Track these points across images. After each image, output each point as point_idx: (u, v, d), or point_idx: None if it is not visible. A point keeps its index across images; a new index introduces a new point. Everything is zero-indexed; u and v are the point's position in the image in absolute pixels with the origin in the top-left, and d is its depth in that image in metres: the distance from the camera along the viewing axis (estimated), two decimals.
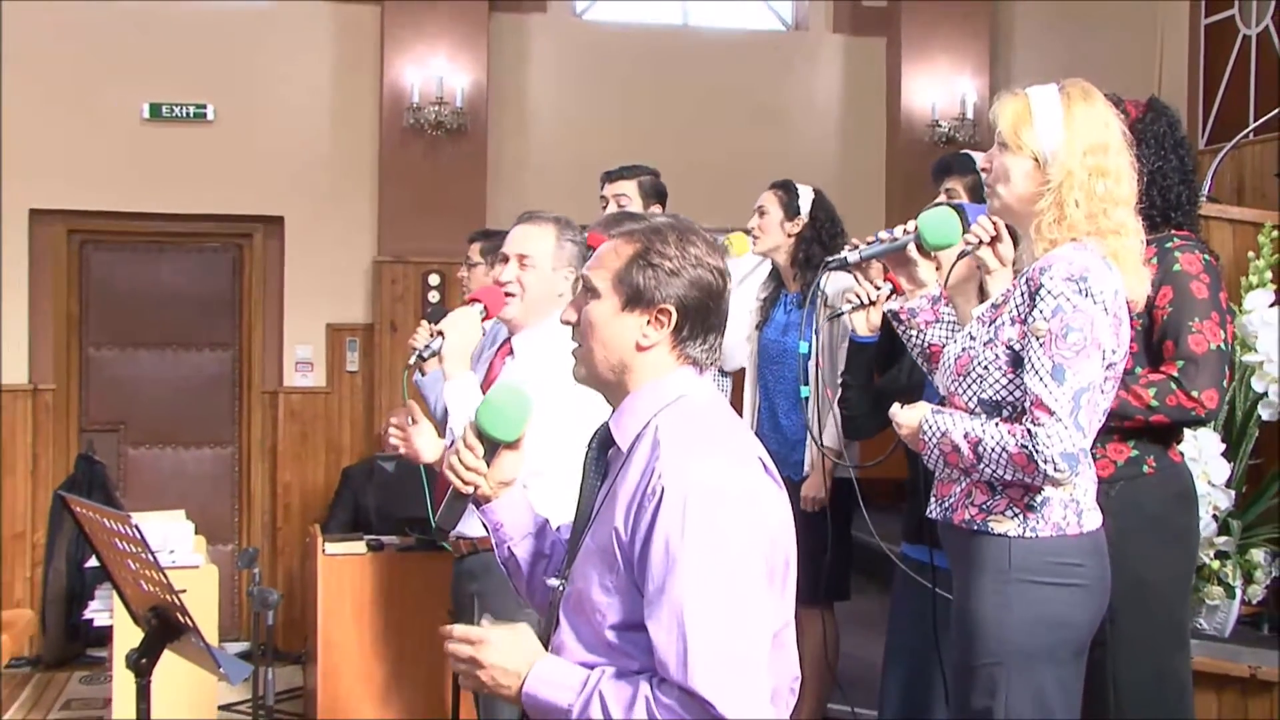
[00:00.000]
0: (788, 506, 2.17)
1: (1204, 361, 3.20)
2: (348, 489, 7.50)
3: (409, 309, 7.83)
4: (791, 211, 4.76)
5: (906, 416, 2.87)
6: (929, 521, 2.98)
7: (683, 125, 8.16)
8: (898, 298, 3.20)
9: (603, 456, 2.26)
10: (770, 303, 4.90)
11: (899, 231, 3.15)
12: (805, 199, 4.78)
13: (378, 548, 5.85)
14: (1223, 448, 3.99)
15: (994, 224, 3.07)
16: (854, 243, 3.32)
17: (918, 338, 3.14)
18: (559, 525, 2.43)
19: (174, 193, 7.79)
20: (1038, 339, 2.66)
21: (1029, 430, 2.64)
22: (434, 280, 7.86)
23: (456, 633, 2.16)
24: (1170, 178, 3.34)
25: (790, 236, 4.77)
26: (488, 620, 2.19)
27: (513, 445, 2.35)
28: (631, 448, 2.15)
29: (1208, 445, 3.90)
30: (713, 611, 1.98)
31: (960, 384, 2.83)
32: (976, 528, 2.79)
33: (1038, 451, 2.62)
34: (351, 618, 5.76)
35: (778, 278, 4.90)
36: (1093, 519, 2.80)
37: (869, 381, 3.84)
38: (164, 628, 3.03)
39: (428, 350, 3.67)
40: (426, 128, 7.76)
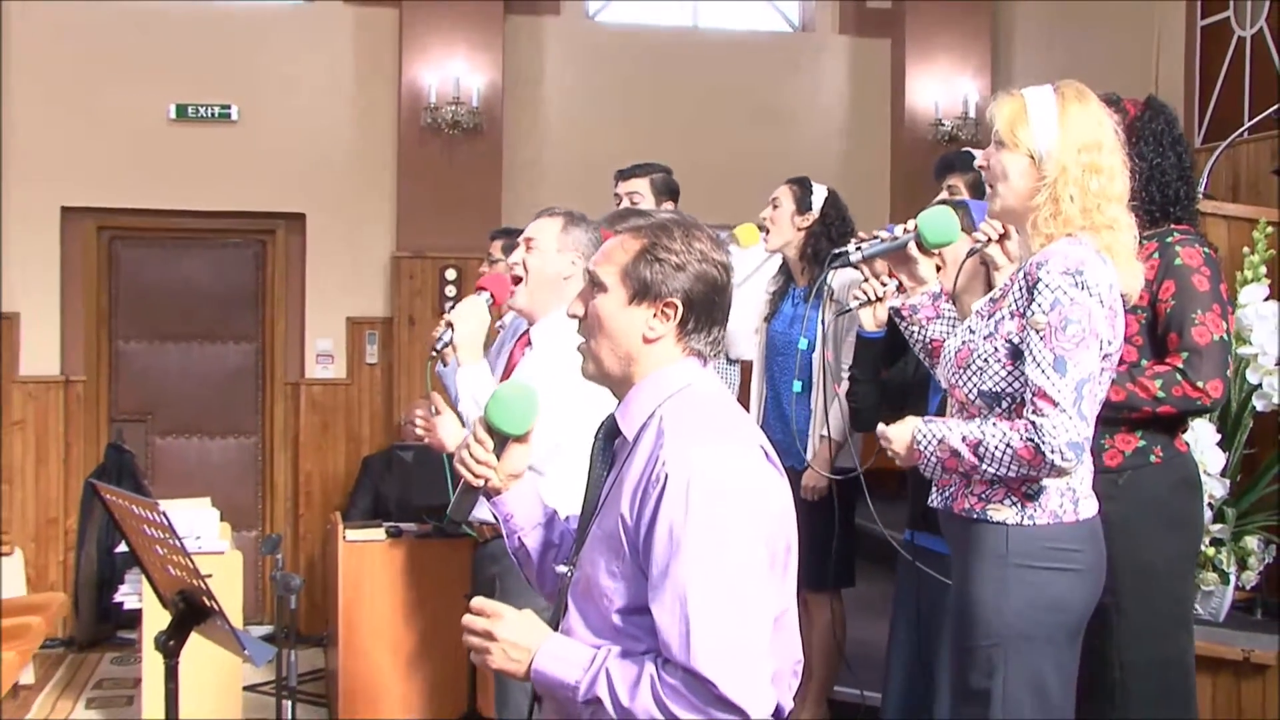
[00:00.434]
0: (789, 494, 2.17)
1: (1208, 352, 3.21)
2: (367, 478, 7.52)
3: (427, 303, 7.84)
4: (804, 206, 4.76)
5: (896, 432, 2.87)
6: (928, 509, 2.98)
7: (692, 124, 8.15)
8: (900, 295, 3.20)
9: (609, 446, 2.26)
10: (779, 296, 4.90)
11: (899, 230, 3.16)
12: (818, 196, 4.78)
13: (397, 535, 5.86)
14: (1218, 438, 3.99)
15: (1001, 223, 3.07)
16: (860, 235, 3.33)
17: (920, 333, 3.14)
18: (567, 516, 2.44)
19: (199, 191, 7.80)
20: (1037, 332, 2.67)
21: (1032, 422, 2.64)
22: (451, 275, 7.86)
23: (474, 604, 2.17)
24: (1169, 174, 3.34)
25: (800, 231, 4.76)
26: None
27: (521, 439, 2.35)
28: (637, 437, 2.15)
29: (1203, 435, 3.90)
30: (715, 594, 1.99)
31: (961, 376, 2.83)
32: (976, 516, 2.80)
33: (1044, 442, 2.62)
34: (371, 602, 5.78)
35: (787, 272, 4.90)
36: (1089, 507, 2.80)
37: (876, 375, 3.85)
38: (191, 611, 3.05)
39: (440, 342, 3.69)
40: (443, 127, 7.77)
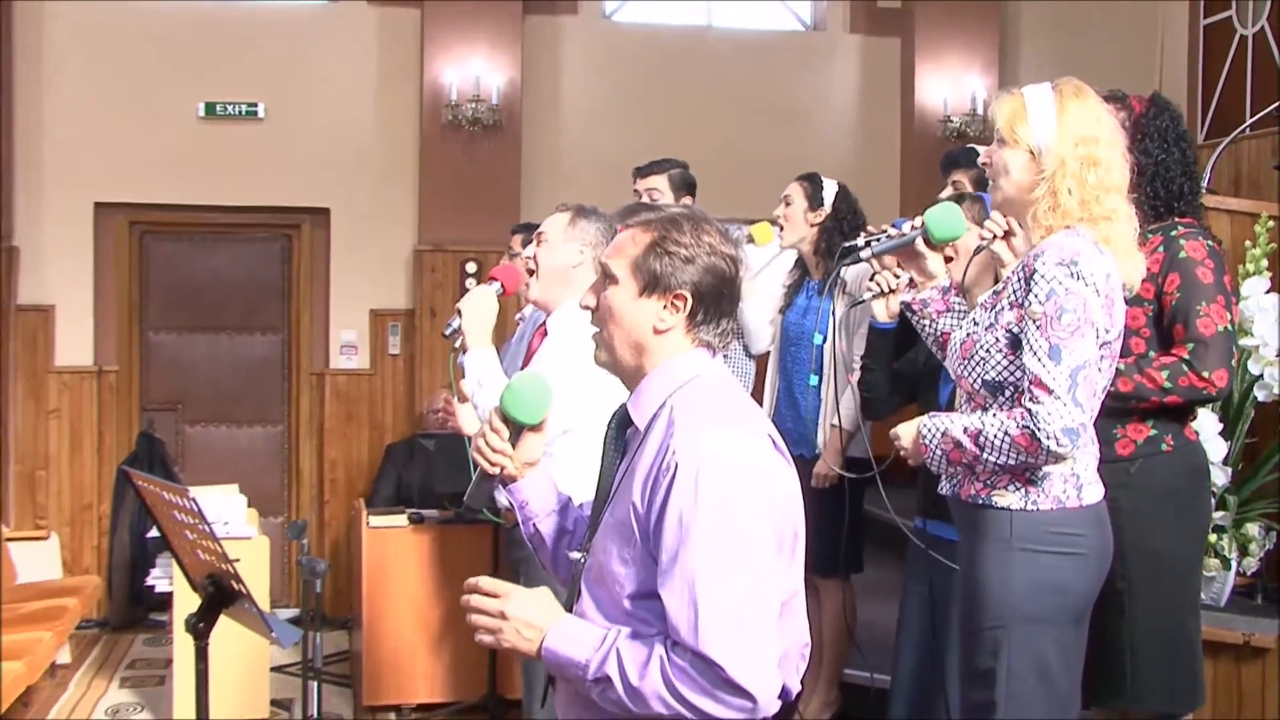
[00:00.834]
0: (796, 481, 2.17)
1: (1213, 343, 3.21)
2: (390, 465, 7.53)
3: (447, 295, 7.83)
4: (816, 202, 4.75)
5: (904, 429, 2.91)
6: (938, 496, 2.99)
7: (706, 121, 8.14)
8: (911, 290, 3.21)
9: (621, 436, 2.26)
10: (794, 289, 4.90)
11: (907, 227, 3.17)
12: (829, 191, 4.77)
13: (419, 520, 5.89)
14: (1220, 427, 3.98)
15: (1007, 219, 3.07)
16: (870, 230, 3.33)
17: (930, 327, 3.16)
18: (580, 503, 2.44)
19: (227, 186, 7.82)
20: (1034, 321, 2.68)
21: (1028, 410, 2.65)
22: (471, 268, 7.86)
23: (484, 585, 2.15)
24: (1173, 169, 3.34)
25: (813, 227, 4.76)
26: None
27: (536, 428, 2.36)
28: (648, 427, 2.15)
29: (1206, 425, 3.88)
30: (723, 579, 1.98)
31: (965, 367, 2.85)
32: (981, 501, 2.81)
33: (1040, 429, 2.63)
34: (394, 586, 5.80)
35: (803, 265, 4.90)
36: (1092, 493, 2.81)
37: (888, 365, 3.85)
38: (220, 594, 3.06)
39: (449, 329, 3.72)
40: (464, 124, 7.76)
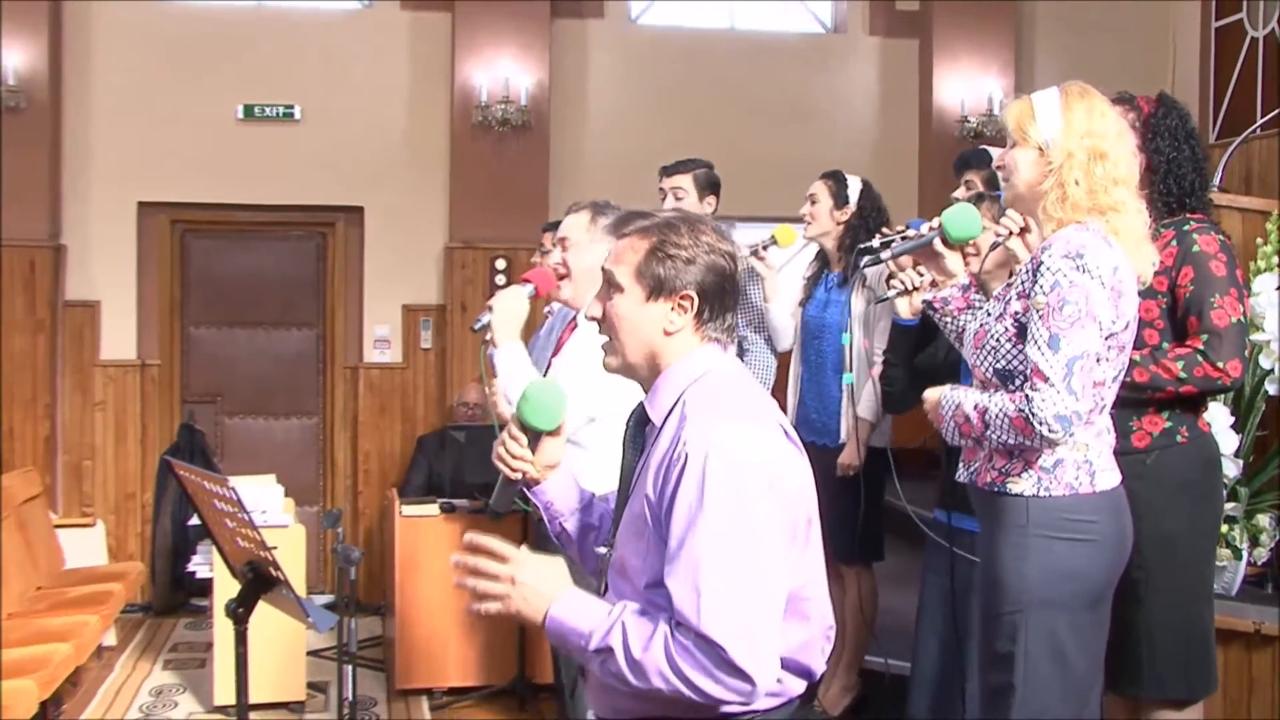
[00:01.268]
0: (808, 469, 2.16)
1: (1226, 334, 3.21)
2: (422, 456, 7.55)
3: (478, 291, 7.85)
4: (841, 200, 4.75)
5: (930, 394, 2.95)
6: (958, 487, 2.99)
7: (728, 121, 8.12)
8: (932, 288, 3.22)
9: (640, 433, 2.26)
10: (814, 281, 4.90)
11: (925, 228, 3.19)
12: (854, 189, 4.77)
13: (450, 510, 5.91)
14: (1232, 420, 3.96)
15: (1023, 216, 3.09)
16: (885, 231, 3.34)
17: (952, 323, 3.18)
18: (604, 496, 2.45)
19: (265, 186, 7.86)
20: (1037, 312, 2.71)
21: (1027, 395, 2.68)
22: (500, 264, 7.87)
23: (496, 548, 2.12)
24: (1183, 166, 3.34)
25: (839, 224, 4.76)
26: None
27: (553, 433, 2.36)
28: (663, 422, 2.15)
29: (1218, 418, 3.87)
30: (728, 565, 1.98)
31: (978, 356, 2.87)
32: (996, 488, 2.83)
33: (1033, 414, 2.66)
34: (426, 573, 5.82)
35: (823, 258, 4.89)
36: (1107, 479, 2.81)
37: (908, 360, 3.85)
38: (258, 580, 3.07)
39: (478, 324, 3.74)
40: (494, 124, 7.77)
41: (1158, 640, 3.21)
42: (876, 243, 3.29)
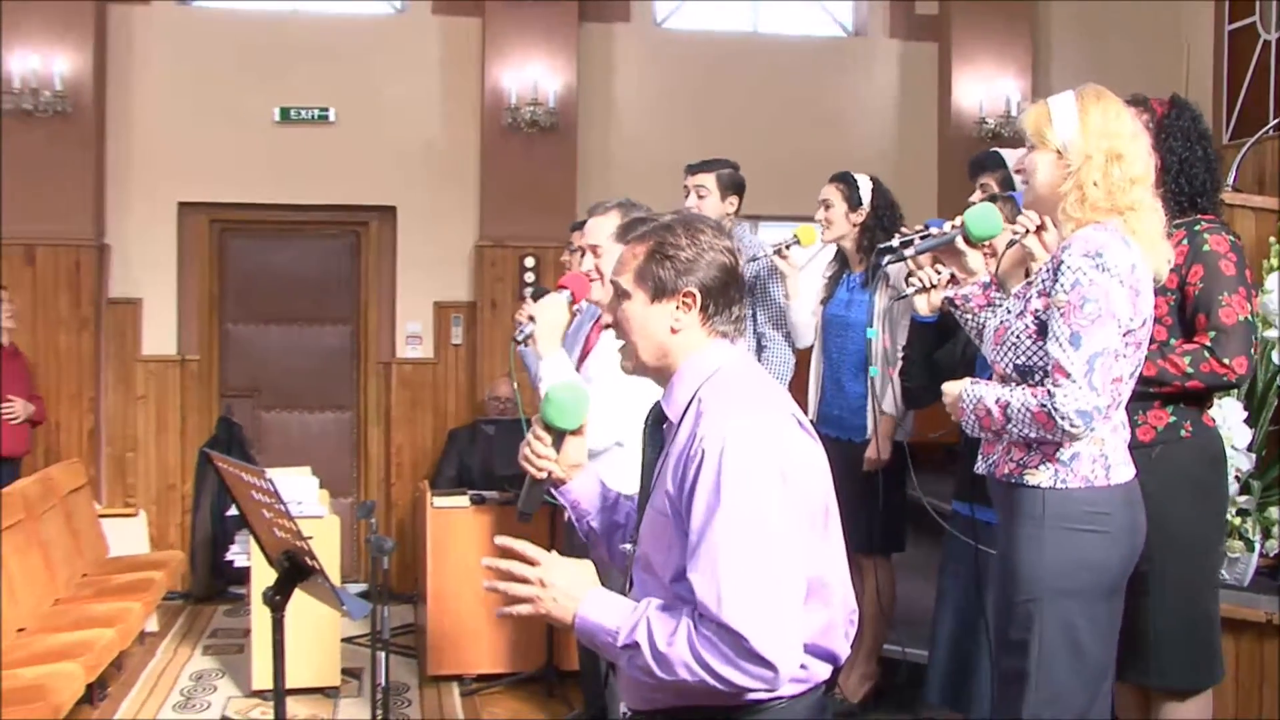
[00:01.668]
0: (824, 459, 2.17)
1: (1233, 331, 3.20)
2: (453, 449, 7.58)
3: (507, 288, 7.88)
4: (854, 202, 4.74)
5: (950, 388, 2.95)
6: (977, 480, 3.00)
7: (752, 123, 8.11)
8: (953, 285, 3.23)
9: (658, 431, 2.27)
10: (834, 281, 4.89)
11: (947, 226, 3.21)
12: (864, 189, 4.76)
13: (480, 501, 5.93)
14: (1245, 415, 3.94)
15: (1039, 215, 3.09)
16: (902, 231, 3.35)
17: (973, 320, 3.18)
18: (631, 495, 2.45)
19: (301, 186, 7.91)
20: (1058, 309, 2.71)
21: (1049, 391, 2.69)
22: (529, 262, 7.90)
23: (525, 551, 2.14)
24: (1195, 166, 3.33)
25: (855, 226, 4.76)
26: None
27: (576, 433, 2.39)
28: (680, 419, 2.16)
29: (1231, 412, 3.85)
30: (746, 555, 1.99)
31: (999, 352, 2.88)
32: (1014, 480, 2.83)
33: (1056, 409, 2.67)
34: (456, 562, 5.85)
35: (842, 259, 4.89)
36: (1122, 472, 2.82)
37: (927, 356, 3.85)
38: (294, 569, 3.08)
39: (521, 333, 3.75)
40: (523, 126, 7.79)
41: (1162, 631, 3.20)
42: (896, 242, 3.30)
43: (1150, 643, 3.21)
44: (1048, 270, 2.79)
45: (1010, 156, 3.83)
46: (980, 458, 2.96)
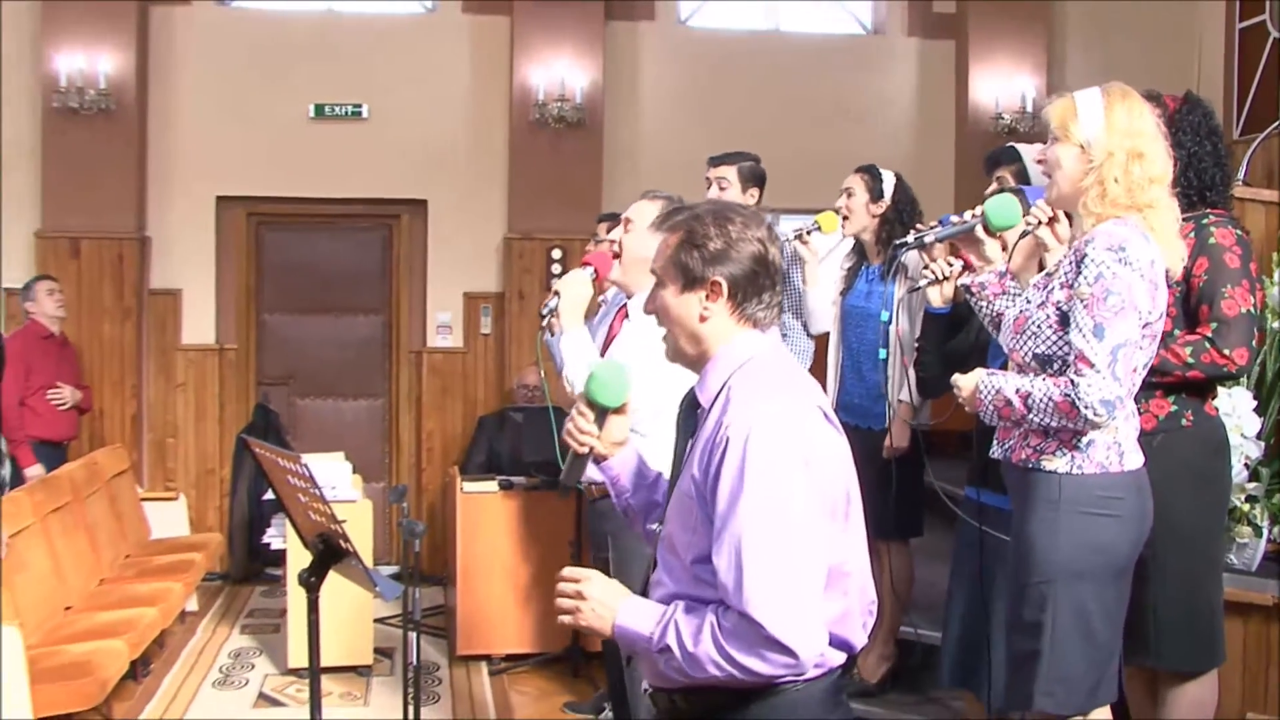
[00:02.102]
0: (846, 449, 2.17)
1: (1235, 323, 3.19)
2: (482, 436, 7.61)
3: (535, 279, 7.91)
4: (876, 195, 4.73)
5: (965, 381, 2.94)
6: (989, 465, 3.01)
7: (773, 119, 8.10)
8: (969, 274, 3.24)
9: (691, 416, 2.27)
10: (854, 273, 4.89)
11: (967, 215, 3.21)
12: (888, 183, 4.75)
13: (508, 487, 5.96)
14: (1254, 404, 3.94)
15: (1054, 210, 3.09)
16: (919, 226, 3.36)
17: (988, 308, 3.18)
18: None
19: (335, 181, 7.95)
20: (1082, 301, 2.71)
21: (1072, 380, 2.69)
22: (556, 254, 7.92)
23: (566, 572, 2.21)
24: (1205, 161, 3.32)
25: (875, 218, 4.75)
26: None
27: (619, 410, 2.40)
28: (710, 405, 2.17)
29: (1241, 401, 3.85)
30: (767, 542, 1.99)
31: (1018, 341, 2.88)
32: (1031, 465, 2.84)
33: (1079, 399, 2.67)
34: (485, 546, 5.88)
35: (861, 251, 4.88)
36: (1134, 459, 2.83)
37: (940, 346, 3.85)
38: (329, 552, 3.10)
39: (546, 308, 3.75)
40: (550, 122, 7.81)
41: (1163, 615, 3.20)
42: (911, 239, 3.30)
43: (1151, 626, 3.21)
44: (1070, 263, 2.79)
45: (1027, 152, 3.81)
46: (996, 443, 2.96)
